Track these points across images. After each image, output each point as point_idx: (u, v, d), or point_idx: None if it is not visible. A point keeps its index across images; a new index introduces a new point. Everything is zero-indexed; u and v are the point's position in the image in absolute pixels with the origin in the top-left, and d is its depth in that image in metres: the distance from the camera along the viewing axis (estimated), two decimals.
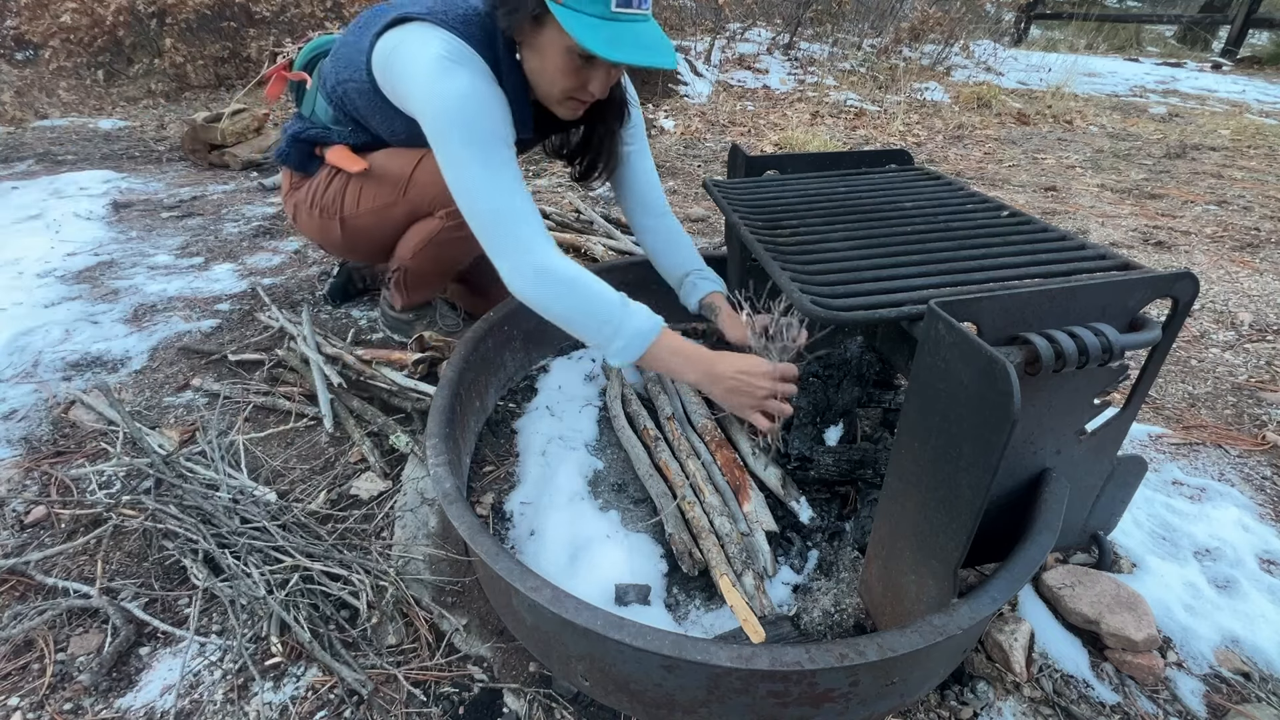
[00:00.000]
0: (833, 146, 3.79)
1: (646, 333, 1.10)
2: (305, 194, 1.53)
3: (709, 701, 0.80)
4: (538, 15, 1.08)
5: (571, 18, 1.02)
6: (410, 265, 1.54)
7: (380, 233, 1.51)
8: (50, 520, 1.22)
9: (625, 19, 1.05)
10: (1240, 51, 7.86)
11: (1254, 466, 1.42)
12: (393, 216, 1.46)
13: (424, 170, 1.38)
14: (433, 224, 1.44)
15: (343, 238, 1.53)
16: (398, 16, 1.17)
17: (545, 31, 1.10)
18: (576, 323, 1.10)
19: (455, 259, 1.56)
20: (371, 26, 1.22)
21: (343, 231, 1.51)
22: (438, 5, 1.16)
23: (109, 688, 0.95)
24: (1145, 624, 1.00)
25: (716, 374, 1.11)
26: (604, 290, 1.10)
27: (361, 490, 1.29)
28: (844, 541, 1.16)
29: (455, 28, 1.12)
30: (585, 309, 1.09)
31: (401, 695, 0.94)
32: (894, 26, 6.38)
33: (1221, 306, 2.09)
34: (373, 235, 1.52)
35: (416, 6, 1.17)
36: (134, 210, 2.68)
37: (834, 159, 1.56)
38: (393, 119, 1.31)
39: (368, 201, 1.45)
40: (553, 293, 1.08)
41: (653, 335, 1.11)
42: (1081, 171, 3.57)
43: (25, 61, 5.09)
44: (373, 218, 1.47)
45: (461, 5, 1.16)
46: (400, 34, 1.16)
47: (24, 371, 1.64)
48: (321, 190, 1.50)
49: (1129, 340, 0.77)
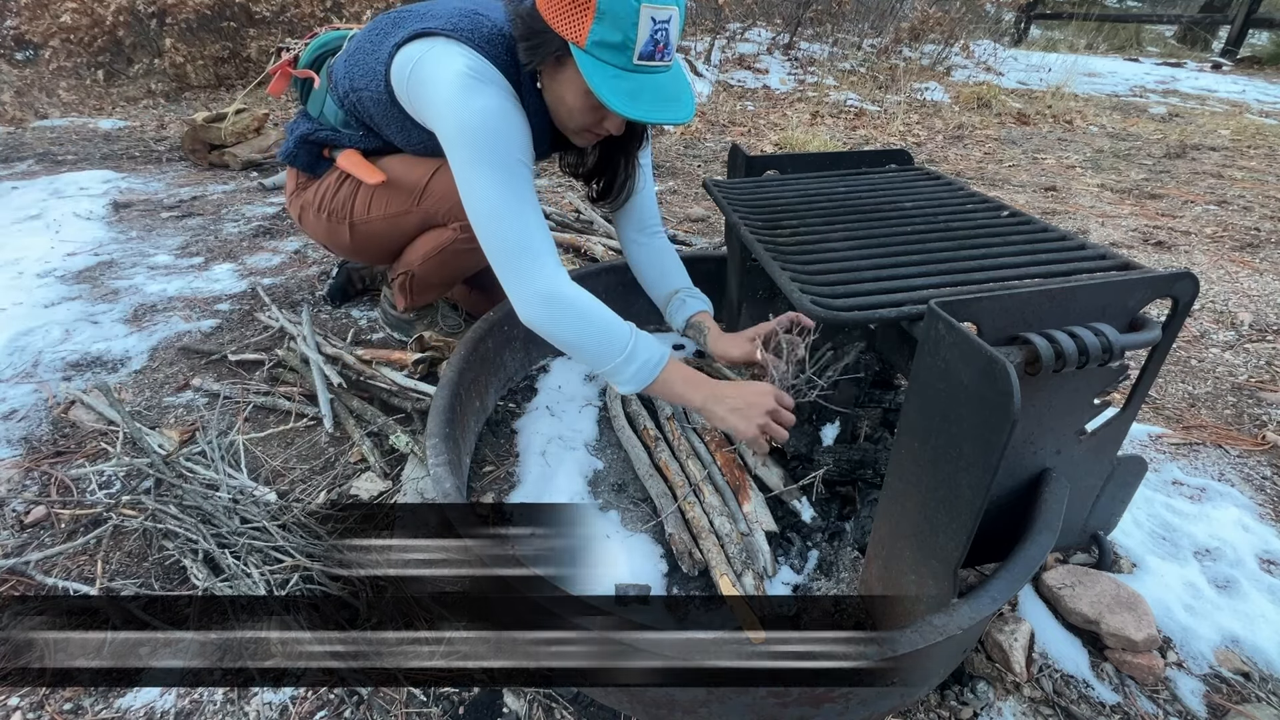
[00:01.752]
0: (833, 146, 3.79)
1: (656, 363, 1.12)
2: (313, 196, 1.51)
3: (709, 701, 0.80)
4: (560, 56, 1.08)
5: (593, 67, 1.02)
6: (417, 271, 1.54)
7: (390, 239, 1.50)
8: (50, 520, 1.22)
9: (647, 71, 1.05)
10: (1240, 51, 7.86)
11: (1254, 466, 1.42)
12: (405, 224, 1.46)
13: (440, 180, 1.37)
14: (445, 234, 1.44)
15: (351, 241, 1.52)
16: (421, 30, 1.15)
17: (566, 71, 1.10)
18: (586, 351, 1.11)
19: (464, 269, 1.55)
20: (390, 36, 1.19)
21: (352, 236, 1.50)
22: (463, 22, 1.14)
23: (109, 688, 0.95)
24: (1145, 624, 1.00)
25: (720, 396, 1.12)
26: (613, 320, 1.11)
27: (361, 490, 1.29)
28: (844, 541, 1.16)
29: (480, 46, 1.12)
30: (595, 339, 1.10)
31: (401, 695, 0.94)
32: (894, 26, 6.38)
33: (1221, 306, 2.09)
34: (382, 240, 1.51)
35: (438, 21, 1.15)
36: (134, 210, 2.68)
37: (834, 159, 1.55)
38: (409, 131, 1.30)
39: (379, 208, 1.45)
40: (563, 322, 1.09)
41: (662, 365, 1.12)
42: (1081, 171, 3.57)
43: (25, 61, 5.09)
44: (384, 224, 1.46)
45: (486, 24, 1.14)
46: (423, 47, 1.14)
47: (24, 371, 1.64)
48: (331, 194, 1.48)
49: (1129, 340, 0.77)
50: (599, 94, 1.02)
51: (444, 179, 1.35)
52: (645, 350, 1.11)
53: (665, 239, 1.50)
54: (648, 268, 1.48)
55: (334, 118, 1.42)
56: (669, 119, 1.06)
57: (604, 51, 1.02)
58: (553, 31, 1.04)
